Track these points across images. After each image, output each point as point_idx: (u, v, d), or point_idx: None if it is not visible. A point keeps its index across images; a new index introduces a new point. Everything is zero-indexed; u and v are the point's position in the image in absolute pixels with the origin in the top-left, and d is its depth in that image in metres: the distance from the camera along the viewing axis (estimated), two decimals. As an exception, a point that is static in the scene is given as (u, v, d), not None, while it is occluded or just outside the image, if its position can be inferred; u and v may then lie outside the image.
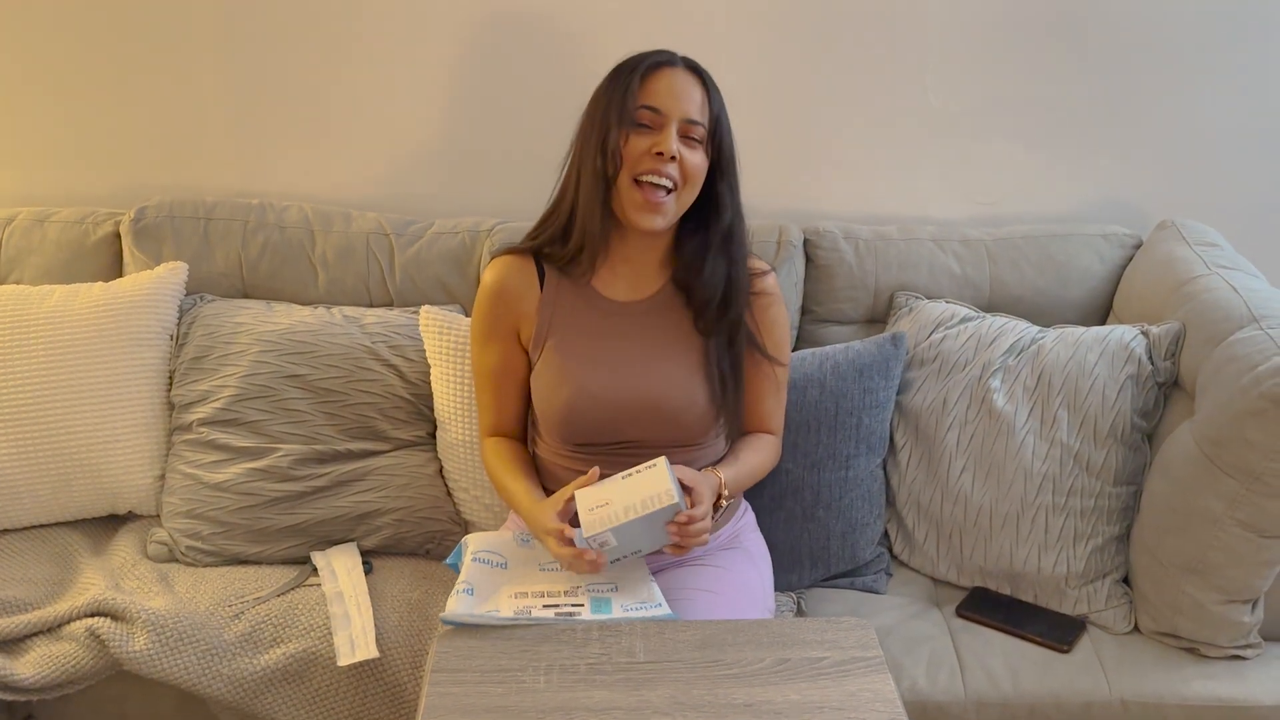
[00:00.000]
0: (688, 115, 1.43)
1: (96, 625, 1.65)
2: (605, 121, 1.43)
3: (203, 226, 2.00)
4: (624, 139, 1.42)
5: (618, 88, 1.44)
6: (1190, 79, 2.04)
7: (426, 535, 1.84)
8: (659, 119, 1.43)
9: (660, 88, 1.43)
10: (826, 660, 1.26)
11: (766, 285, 1.59)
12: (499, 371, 1.59)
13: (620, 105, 1.42)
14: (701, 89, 1.46)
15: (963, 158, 2.10)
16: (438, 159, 2.11)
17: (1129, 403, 1.73)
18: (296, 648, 1.65)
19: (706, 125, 1.45)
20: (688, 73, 1.46)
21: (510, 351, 1.58)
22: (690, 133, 1.44)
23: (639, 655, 1.26)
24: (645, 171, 1.43)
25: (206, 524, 1.80)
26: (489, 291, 1.58)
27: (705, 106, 1.45)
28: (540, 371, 1.55)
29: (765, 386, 1.60)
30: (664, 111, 1.43)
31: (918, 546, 1.83)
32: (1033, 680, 1.62)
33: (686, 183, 1.45)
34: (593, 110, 1.48)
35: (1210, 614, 1.63)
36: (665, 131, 1.43)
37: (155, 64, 2.05)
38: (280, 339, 1.87)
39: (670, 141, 1.42)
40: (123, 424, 1.85)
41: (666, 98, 1.43)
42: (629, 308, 1.54)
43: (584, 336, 1.53)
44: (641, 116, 1.43)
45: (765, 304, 1.58)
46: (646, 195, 1.44)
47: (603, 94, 1.47)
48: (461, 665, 1.25)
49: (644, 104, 1.43)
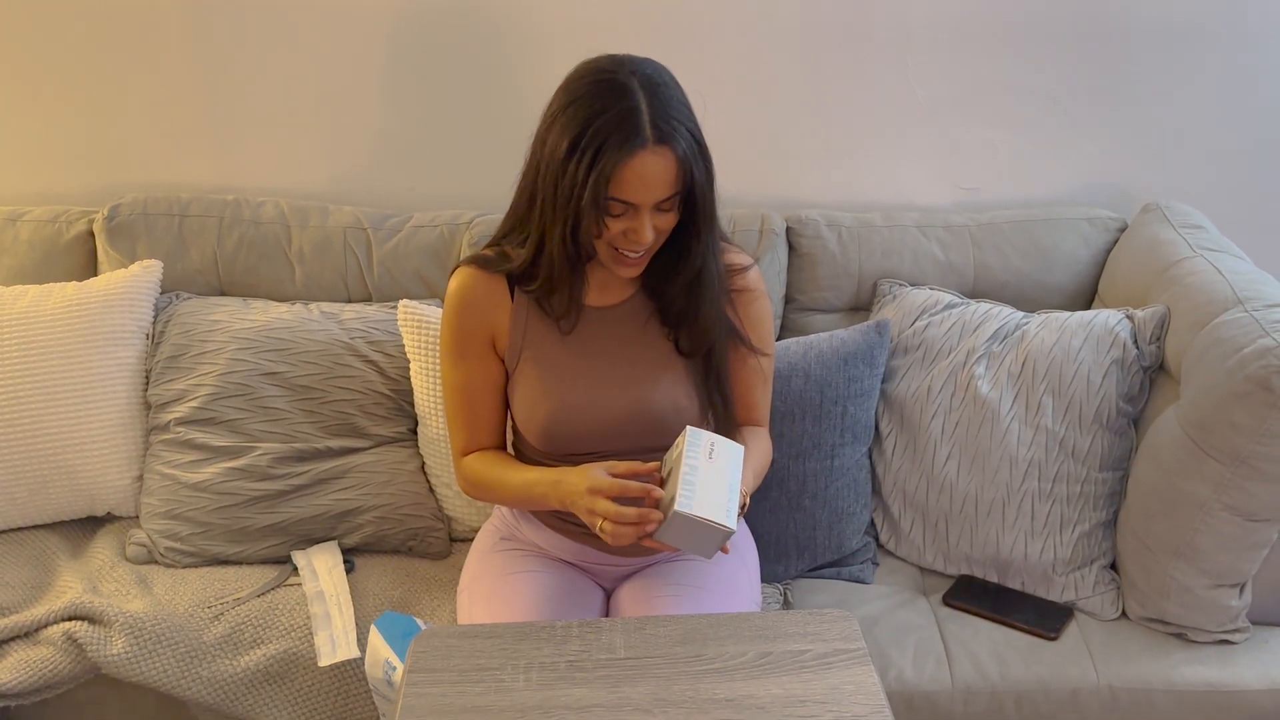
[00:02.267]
0: (659, 198, 1.34)
1: (74, 629, 1.63)
2: (571, 208, 1.33)
3: (177, 224, 1.98)
4: (595, 231, 1.36)
5: (583, 170, 1.31)
6: (1173, 61, 2.02)
7: (408, 532, 1.82)
8: (631, 208, 1.35)
9: (631, 180, 1.32)
10: (809, 653, 1.24)
11: (749, 280, 1.54)
12: (475, 386, 1.51)
13: (592, 198, 1.31)
14: (673, 161, 1.33)
15: (946, 144, 2.08)
16: (414, 152, 2.09)
17: (1114, 388, 1.72)
18: (277, 648, 1.63)
19: (679, 192, 1.36)
20: (657, 149, 1.32)
21: (485, 365, 1.51)
22: (662, 205, 1.36)
23: (619, 651, 1.25)
24: (620, 246, 1.38)
25: (185, 524, 1.78)
26: (458, 302, 1.49)
27: (676, 176, 1.34)
28: (518, 384, 1.50)
29: (752, 379, 1.56)
30: (636, 203, 1.34)
31: (904, 535, 1.82)
32: (1020, 668, 1.61)
33: (662, 237, 1.41)
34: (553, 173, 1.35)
35: (1198, 598, 1.62)
36: (640, 220, 1.35)
37: (126, 61, 2.02)
38: (257, 336, 1.85)
39: (645, 231, 1.35)
40: (99, 424, 1.83)
41: (639, 190, 1.33)
42: (603, 313, 1.50)
43: (561, 345, 1.49)
44: (613, 208, 1.35)
45: (748, 300, 1.53)
46: (623, 258, 1.40)
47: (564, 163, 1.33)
48: (439, 665, 1.23)
49: (614, 196, 1.33)
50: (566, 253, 1.39)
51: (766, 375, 1.57)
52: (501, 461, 1.52)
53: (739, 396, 1.55)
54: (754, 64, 2.02)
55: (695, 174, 1.34)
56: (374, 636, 1.51)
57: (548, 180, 1.36)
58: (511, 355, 1.50)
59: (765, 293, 1.57)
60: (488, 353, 1.51)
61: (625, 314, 1.50)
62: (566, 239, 1.37)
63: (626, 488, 1.31)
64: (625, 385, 1.47)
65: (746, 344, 1.52)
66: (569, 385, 1.47)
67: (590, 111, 1.32)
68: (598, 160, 1.30)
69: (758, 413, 1.58)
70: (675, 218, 1.39)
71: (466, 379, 1.51)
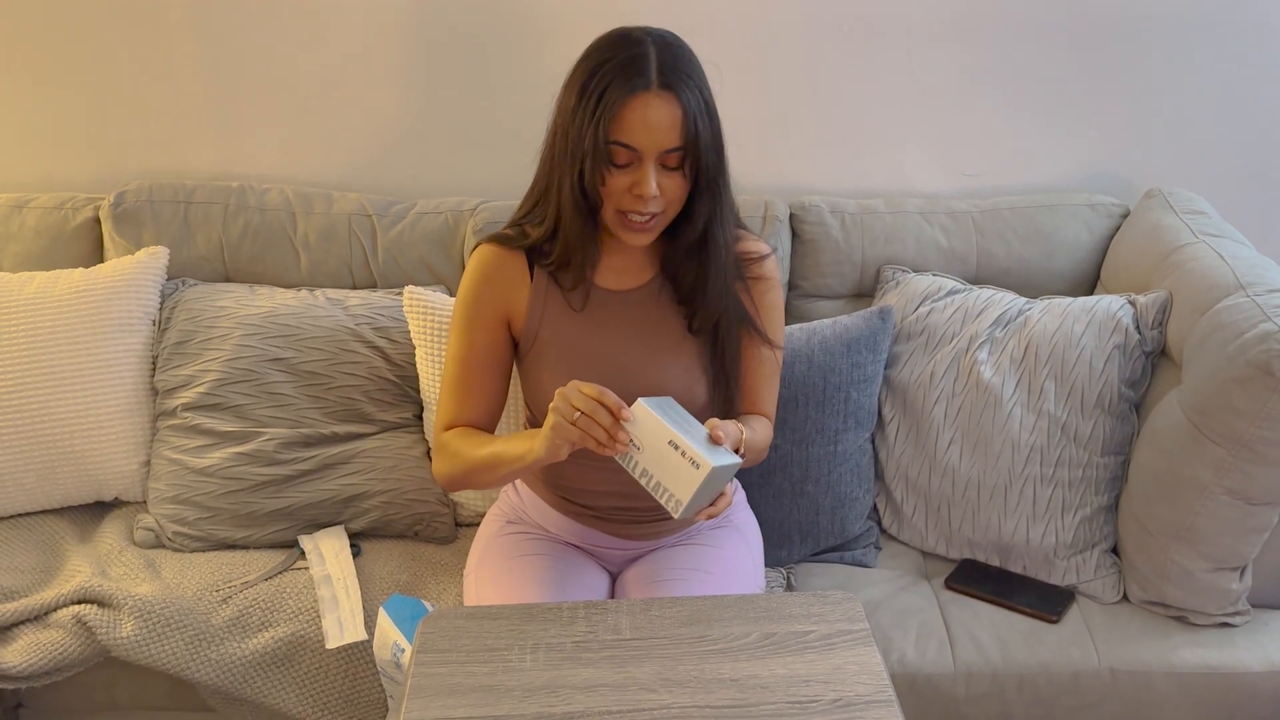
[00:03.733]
0: (663, 147, 1.33)
1: (83, 612, 1.64)
2: (578, 155, 1.34)
3: (183, 210, 1.98)
4: (600, 179, 1.35)
5: (588, 114, 1.32)
6: (1176, 47, 2.02)
7: (414, 517, 1.83)
8: (634, 155, 1.34)
9: (634, 121, 1.32)
10: (813, 634, 1.25)
11: (765, 269, 1.53)
12: (476, 356, 1.50)
13: (593, 140, 1.32)
14: (678, 107, 1.33)
15: (949, 130, 2.08)
16: (419, 138, 2.09)
17: (1116, 373, 1.73)
18: (285, 631, 1.64)
19: (685, 145, 1.35)
20: (662, 94, 1.32)
21: (493, 338, 1.50)
22: (668, 161, 1.35)
23: (625, 632, 1.26)
24: (629, 209, 1.37)
25: (193, 509, 1.79)
26: (477, 275, 1.49)
27: (681, 126, 1.33)
28: (533, 364, 1.50)
29: (762, 370, 1.54)
30: (639, 148, 1.33)
31: (906, 520, 1.83)
32: (1022, 651, 1.62)
33: (669, 204, 1.38)
34: (564, 127, 1.37)
35: (1199, 582, 1.63)
36: (643, 171, 1.34)
37: (132, 47, 2.02)
38: (263, 322, 1.86)
39: (648, 184, 1.34)
40: (106, 410, 1.84)
41: (641, 133, 1.32)
42: (622, 296, 1.50)
43: (577, 326, 1.49)
44: (616, 155, 1.34)
45: (764, 289, 1.52)
46: (629, 223, 1.39)
47: (573, 113, 1.35)
48: (448, 646, 1.24)
49: (617, 140, 1.33)
50: (576, 205, 1.38)
51: (775, 367, 1.56)
52: (482, 434, 1.49)
53: (747, 386, 1.54)
54: (757, 51, 2.03)
55: (700, 129, 1.34)
56: (382, 619, 1.52)
57: (558, 135, 1.38)
58: (528, 334, 1.50)
59: (779, 283, 1.56)
60: (498, 327, 1.50)
61: (642, 298, 1.50)
62: (576, 190, 1.37)
63: (604, 394, 1.27)
64: (640, 368, 1.48)
65: (759, 332, 1.51)
66: (584, 366, 1.47)
67: (599, 60, 1.35)
68: (601, 101, 1.32)
69: (764, 404, 1.56)
70: (684, 184, 1.38)
71: (469, 349, 1.49)
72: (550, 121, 1.42)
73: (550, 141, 1.41)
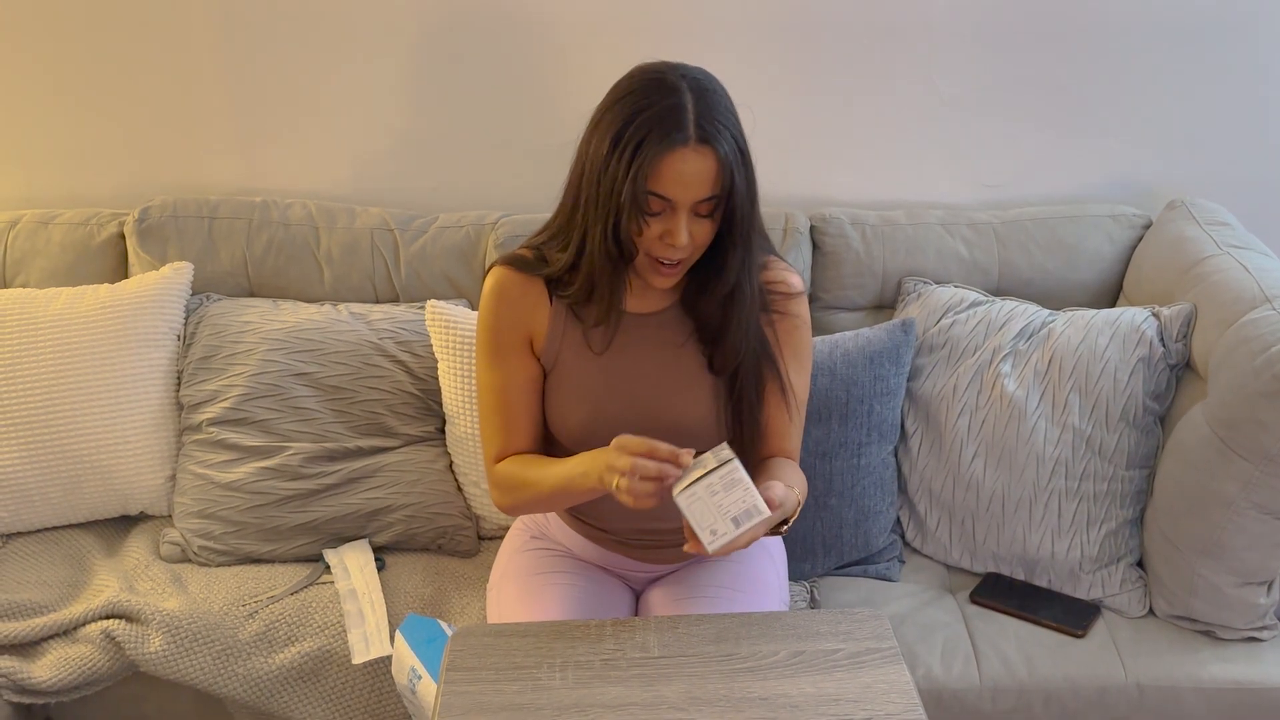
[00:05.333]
0: (698, 198, 1.32)
1: (112, 627, 1.65)
2: (612, 205, 1.32)
3: (207, 225, 2.00)
4: (636, 229, 1.33)
5: (623, 165, 1.30)
6: (1198, 56, 2.01)
7: (438, 531, 1.84)
8: (668, 205, 1.32)
9: (670, 175, 1.30)
10: (841, 652, 1.25)
11: (792, 307, 1.48)
12: (513, 385, 1.46)
13: (631, 194, 1.30)
14: (714, 161, 1.31)
15: (969, 141, 2.08)
16: (440, 152, 2.10)
17: (1141, 385, 1.72)
18: (311, 646, 1.65)
19: (718, 195, 1.33)
20: (700, 148, 1.30)
21: (524, 363, 1.47)
22: (700, 209, 1.34)
23: (654, 650, 1.26)
24: (656, 254, 1.36)
25: (218, 523, 1.80)
26: (495, 299, 1.46)
27: (716, 177, 1.32)
28: (554, 388, 1.47)
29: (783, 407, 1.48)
30: (674, 200, 1.32)
31: (930, 533, 1.83)
32: (1048, 665, 1.61)
33: (697, 249, 1.37)
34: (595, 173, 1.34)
35: (1226, 596, 1.62)
36: (676, 220, 1.33)
37: (156, 63, 2.04)
38: (287, 337, 1.87)
39: (681, 234, 1.32)
40: (132, 425, 1.85)
41: (677, 187, 1.31)
42: (641, 320, 1.46)
43: (596, 357, 1.46)
44: (652, 205, 1.32)
45: (790, 327, 1.47)
46: (658, 268, 1.38)
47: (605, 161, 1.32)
48: (476, 664, 1.25)
49: (654, 191, 1.31)
50: (608, 253, 1.36)
51: (798, 406, 1.50)
52: (538, 460, 1.46)
53: (769, 425, 1.48)
54: (776, 63, 2.03)
55: (736, 180, 1.32)
56: (399, 642, 1.52)
57: (590, 180, 1.35)
58: (547, 358, 1.48)
59: (808, 323, 1.51)
60: (525, 350, 1.47)
61: (663, 323, 1.47)
62: (608, 238, 1.35)
63: (655, 449, 1.25)
64: (661, 396, 1.45)
65: (780, 375, 1.46)
66: (604, 393, 1.45)
67: (635, 108, 1.31)
68: (639, 154, 1.29)
69: (788, 443, 1.50)
70: (713, 229, 1.36)
71: (504, 379, 1.47)
72: (576, 156, 1.39)
73: (576, 182, 1.38)
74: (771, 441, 1.49)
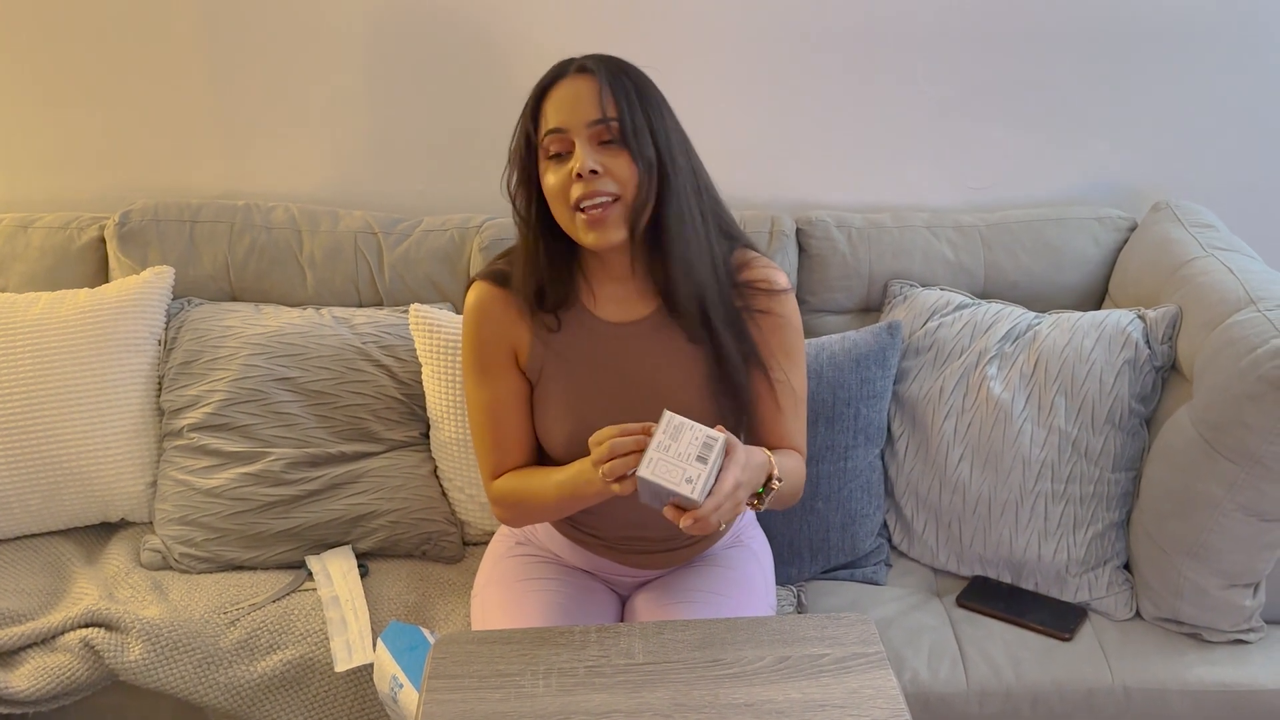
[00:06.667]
0: (589, 119, 1.31)
1: (91, 636, 1.63)
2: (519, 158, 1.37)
3: (188, 229, 1.98)
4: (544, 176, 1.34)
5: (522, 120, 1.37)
6: (1183, 58, 2.02)
7: (422, 536, 1.82)
8: (565, 138, 1.32)
9: (553, 105, 1.33)
10: (827, 657, 1.24)
11: (775, 305, 1.44)
12: (502, 401, 1.45)
13: (523, 138, 1.35)
14: (594, 82, 1.32)
15: (955, 143, 2.08)
16: (424, 155, 2.09)
17: (1126, 388, 1.72)
18: (293, 654, 1.64)
19: (616, 119, 1.31)
20: (579, 75, 1.33)
21: (511, 378, 1.45)
22: (602, 136, 1.32)
23: (638, 656, 1.25)
24: (579, 198, 1.32)
25: (200, 530, 1.79)
26: (476, 316, 1.45)
27: (599, 97, 1.31)
28: (539, 402, 1.46)
29: (783, 402, 1.45)
30: (566, 128, 1.32)
31: (917, 536, 1.82)
32: (1035, 669, 1.61)
33: (621, 185, 1.32)
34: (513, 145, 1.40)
35: (1212, 598, 1.62)
36: (576, 149, 1.31)
37: (137, 66, 2.02)
38: (269, 341, 1.85)
39: (583, 158, 1.30)
40: (112, 431, 1.83)
41: (560, 112, 1.32)
42: (624, 329, 1.44)
43: (582, 363, 1.44)
44: (550, 144, 1.33)
45: (773, 325, 1.44)
46: (588, 214, 1.33)
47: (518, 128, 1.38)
48: (459, 671, 1.23)
49: (548, 129, 1.32)
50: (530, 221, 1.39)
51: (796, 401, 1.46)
52: (536, 471, 1.45)
53: (766, 421, 1.46)
54: (762, 66, 2.02)
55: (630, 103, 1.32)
56: (380, 649, 1.51)
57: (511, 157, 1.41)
58: (532, 371, 1.46)
59: (798, 318, 1.47)
60: (511, 365, 1.46)
61: (650, 329, 1.45)
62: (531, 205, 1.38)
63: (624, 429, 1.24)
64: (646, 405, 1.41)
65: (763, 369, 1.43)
66: (591, 405, 1.43)
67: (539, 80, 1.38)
68: (527, 103, 1.36)
69: (790, 438, 1.46)
70: (632, 165, 1.32)
71: (492, 395, 1.45)
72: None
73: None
74: (774, 438, 1.46)
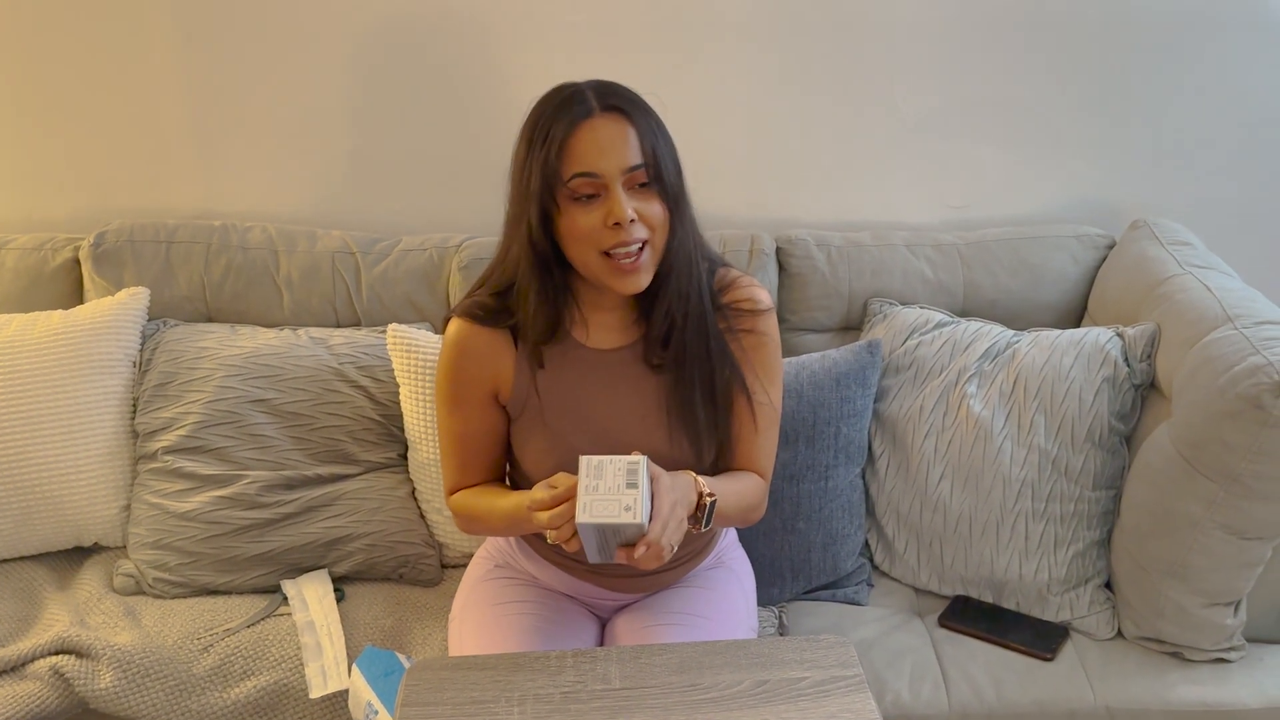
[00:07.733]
0: (625, 165, 1.27)
1: (61, 663, 1.61)
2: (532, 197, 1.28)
3: (164, 250, 1.96)
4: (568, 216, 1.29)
5: (538, 154, 1.28)
6: (1160, 78, 2.03)
7: (399, 560, 1.80)
8: (598, 183, 1.27)
9: (586, 147, 1.26)
10: (806, 680, 1.23)
11: (758, 325, 1.43)
12: (472, 435, 1.45)
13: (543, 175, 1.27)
14: (627, 124, 1.28)
15: (933, 162, 2.08)
16: (402, 175, 2.08)
17: (1106, 406, 1.72)
18: (268, 680, 1.61)
19: (647, 162, 1.28)
20: (607, 114, 1.28)
21: (484, 414, 1.44)
22: (636, 180, 1.29)
23: (615, 682, 1.23)
24: (613, 245, 1.28)
25: (174, 554, 1.76)
26: (456, 352, 1.41)
27: (637, 143, 1.28)
28: (524, 432, 1.44)
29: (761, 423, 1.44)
30: (600, 173, 1.27)
31: (898, 556, 1.81)
32: (1016, 689, 1.60)
33: (653, 232, 1.31)
34: (517, 178, 1.32)
35: (1193, 617, 1.61)
36: (612, 196, 1.27)
37: (113, 86, 2.01)
38: (245, 363, 1.83)
39: (620, 205, 1.26)
40: (85, 454, 1.81)
41: (596, 156, 1.26)
42: (609, 356, 1.42)
43: (568, 392, 1.42)
44: (580, 186, 1.27)
45: (758, 344, 1.43)
46: (620, 263, 1.29)
47: (524, 162, 1.30)
48: (433, 699, 1.22)
49: (575, 172, 1.27)
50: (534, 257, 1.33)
51: (769, 423, 1.46)
52: (489, 491, 1.46)
53: (740, 441, 1.45)
54: (740, 84, 2.02)
55: (659, 147, 1.29)
56: (355, 675, 1.49)
57: (512, 189, 1.34)
58: (516, 405, 1.44)
59: (777, 339, 1.47)
60: (488, 402, 1.44)
61: (630, 358, 1.43)
62: (537, 236, 1.31)
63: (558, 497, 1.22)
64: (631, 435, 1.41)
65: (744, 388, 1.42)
66: (578, 435, 1.41)
67: (540, 108, 1.32)
68: (548, 139, 1.27)
69: (756, 460, 1.46)
70: (661, 207, 1.31)
71: (463, 427, 1.45)
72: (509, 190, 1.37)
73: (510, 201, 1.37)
74: (739, 458, 1.47)
